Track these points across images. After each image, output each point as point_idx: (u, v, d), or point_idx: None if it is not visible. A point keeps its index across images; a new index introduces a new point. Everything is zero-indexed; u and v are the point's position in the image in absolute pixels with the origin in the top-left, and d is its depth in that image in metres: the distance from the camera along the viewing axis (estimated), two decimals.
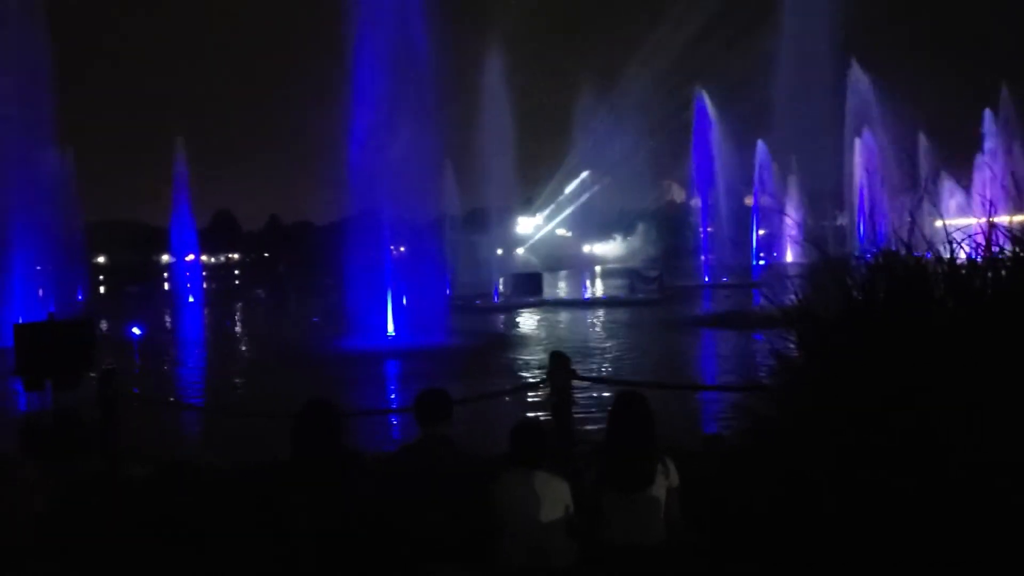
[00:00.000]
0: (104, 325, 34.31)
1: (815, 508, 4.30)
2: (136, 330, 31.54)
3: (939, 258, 4.84)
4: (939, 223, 5.53)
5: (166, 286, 73.46)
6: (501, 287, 48.17)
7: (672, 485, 5.09)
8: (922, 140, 54.23)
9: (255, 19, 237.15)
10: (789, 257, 53.33)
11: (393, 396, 17.67)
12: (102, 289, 74.49)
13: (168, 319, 44.12)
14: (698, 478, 5.37)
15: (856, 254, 5.59)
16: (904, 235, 5.09)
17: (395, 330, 26.79)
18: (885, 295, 4.85)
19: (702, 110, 62.02)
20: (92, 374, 9.98)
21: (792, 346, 5.26)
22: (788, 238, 54.82)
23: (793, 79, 53.92)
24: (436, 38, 28.41)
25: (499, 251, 52.26)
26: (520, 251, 64.95)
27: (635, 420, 5.15)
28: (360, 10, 28.14)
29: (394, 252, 28.76)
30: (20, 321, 15.48)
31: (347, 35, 27.93)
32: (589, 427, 8.94)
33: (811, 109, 52.44)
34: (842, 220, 57.80)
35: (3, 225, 33.57)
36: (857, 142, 56.14)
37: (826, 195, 55.77)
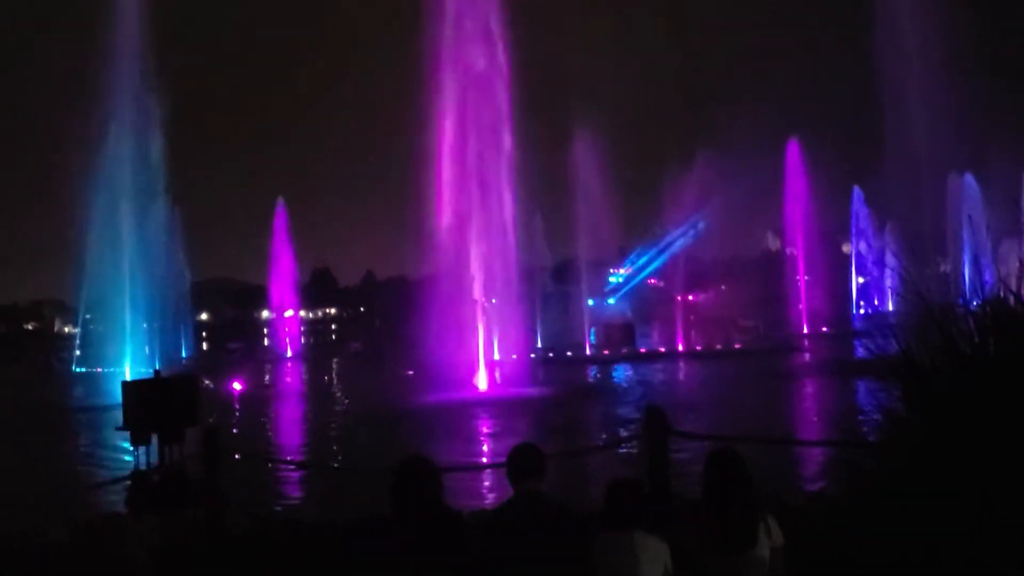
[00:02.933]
0: (207, 381, 35.33)
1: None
2: (237, 385, 32.44)
3: None
4: None
5: (266, 342, 75.54)
6: (593, 338, 47.93)
7: (776, 545, 4.91)
8: None
9: (348, 81, 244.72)
10: (890, 306, 51.82)
11: (485, 450, 17.67)
12: (205, 345, 76.81)
13: (267, 374, 45.16)
14: (802, 538, 5.19)
15: (960, 303, 5.36)
16: (1012, 283, 4.89)
17: (488, 383, 26.87)
18: (996, 348, 4.65)
19: (795, 156, 61.17)
20: (201, 428, 10.25)
21: (896, 399, 5.08)
22: (888, 286, 53.39)
23: (891, 122, 52.86)
24: (523, 98, 28.89)
25: (590, 302, 52.11)
26: (611, 301, 64.60)
27: (730, 479, 4.98)
28: (449, 72, 28.82)
29: (485, 304, 28.96)
30: (127, 378, 16.04)
31: (438, 94, 28.61)
32: (686, 484, 8.77)
33: (910, 152, 51.18)
34: (945, 267, 55.94)
35: (116, 287, 35.10)
36: (959, 185, 54.52)
37: (928, 241, 54.14)
